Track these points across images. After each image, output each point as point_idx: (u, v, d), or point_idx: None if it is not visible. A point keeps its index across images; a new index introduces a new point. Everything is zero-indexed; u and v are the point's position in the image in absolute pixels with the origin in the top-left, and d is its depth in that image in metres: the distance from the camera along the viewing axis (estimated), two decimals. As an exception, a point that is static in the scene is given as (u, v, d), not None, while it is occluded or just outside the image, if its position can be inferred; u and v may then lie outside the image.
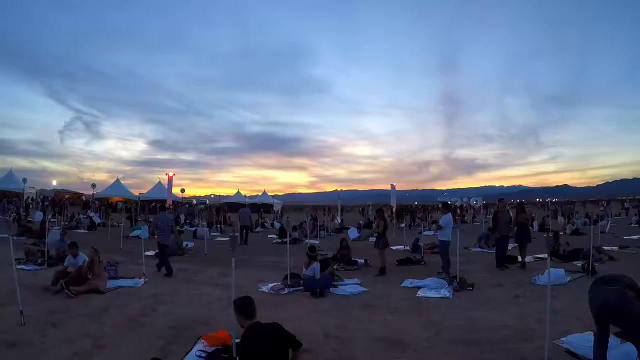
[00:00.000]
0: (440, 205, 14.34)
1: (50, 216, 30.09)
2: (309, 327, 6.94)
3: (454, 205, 51.30)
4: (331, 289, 9.81)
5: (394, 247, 17.84)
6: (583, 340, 5.84)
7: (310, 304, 8.66)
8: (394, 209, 34.73)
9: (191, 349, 5.86)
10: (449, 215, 12.64)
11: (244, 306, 5.04)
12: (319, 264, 9.99)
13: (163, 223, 12.57)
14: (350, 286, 10.21)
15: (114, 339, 6.36)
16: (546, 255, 14.45)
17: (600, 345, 4.75)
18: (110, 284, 9.91)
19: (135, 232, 21.78)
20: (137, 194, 52.74)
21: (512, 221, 13.91)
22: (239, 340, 5.08)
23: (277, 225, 30.65)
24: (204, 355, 5.64)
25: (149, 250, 13.99)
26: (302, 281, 9.96)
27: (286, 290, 9.75)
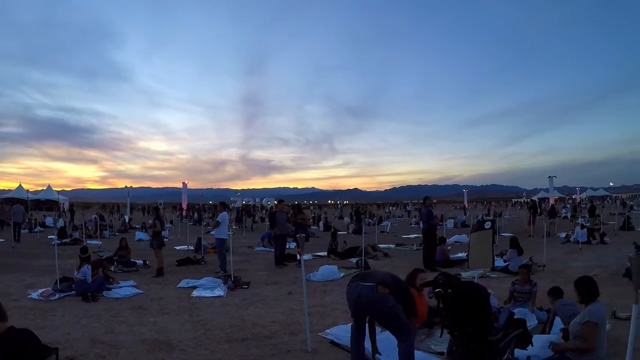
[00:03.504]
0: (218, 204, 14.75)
1: None
2: (76, 333, 6.76)
3: (248, 205, 52.64)
4: (104, 292, 9.56)
5: (178, 247, 17.92)
6: (344, 331, 6.27)
7: (80, 309, 8.32)
8: (184, 208, 34.47)
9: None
10: (225, 213, 13.06)
11: None
12: (89, 266, 9.59)
13: None
14: (124, 288, 10.06)
15: None
16: (325, 252, 15.70)
17: (357, 336, 5.15)
18: None
19: None
20: None
21: (290, 221, 14.69)
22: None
23: (60, 224, 28.60)
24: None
25: None
26: (73, 285, 9.52)
27: (57, 296, 9.23)
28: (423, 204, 14.64)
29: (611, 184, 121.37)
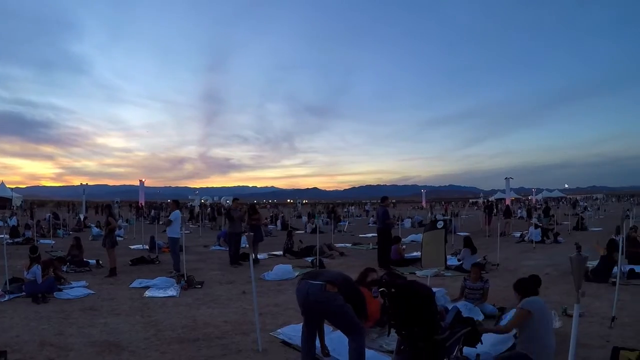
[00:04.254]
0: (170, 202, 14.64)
1: None
2: (25, 336, 6.63)
3: (219, 204, 52.41)
4: (55, 293, 9.37)
5: (133, 246, 17.71)
6: (296, 331, 6.28)
7: (30, 311, 8.17)
8: (141, 206, 34.07)
9: None
10: (178, 212, 12.94)
11: None
12: (39, 266, 9.40)
13: None
14: (76, 289, 9.88)
15: None
16: (281, 252, 15.72)
17: (308, 335, 5.15)
18: None
19: None
20: None
21: (244, 221, 14.66)
22: None
23: (13, 222, 27.75)
24: None
25: None
26: (23, 286, 9.33)
27: (6, 297, 9.03)
28: (380, 204, 14.78)
29: (566, 185, 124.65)
